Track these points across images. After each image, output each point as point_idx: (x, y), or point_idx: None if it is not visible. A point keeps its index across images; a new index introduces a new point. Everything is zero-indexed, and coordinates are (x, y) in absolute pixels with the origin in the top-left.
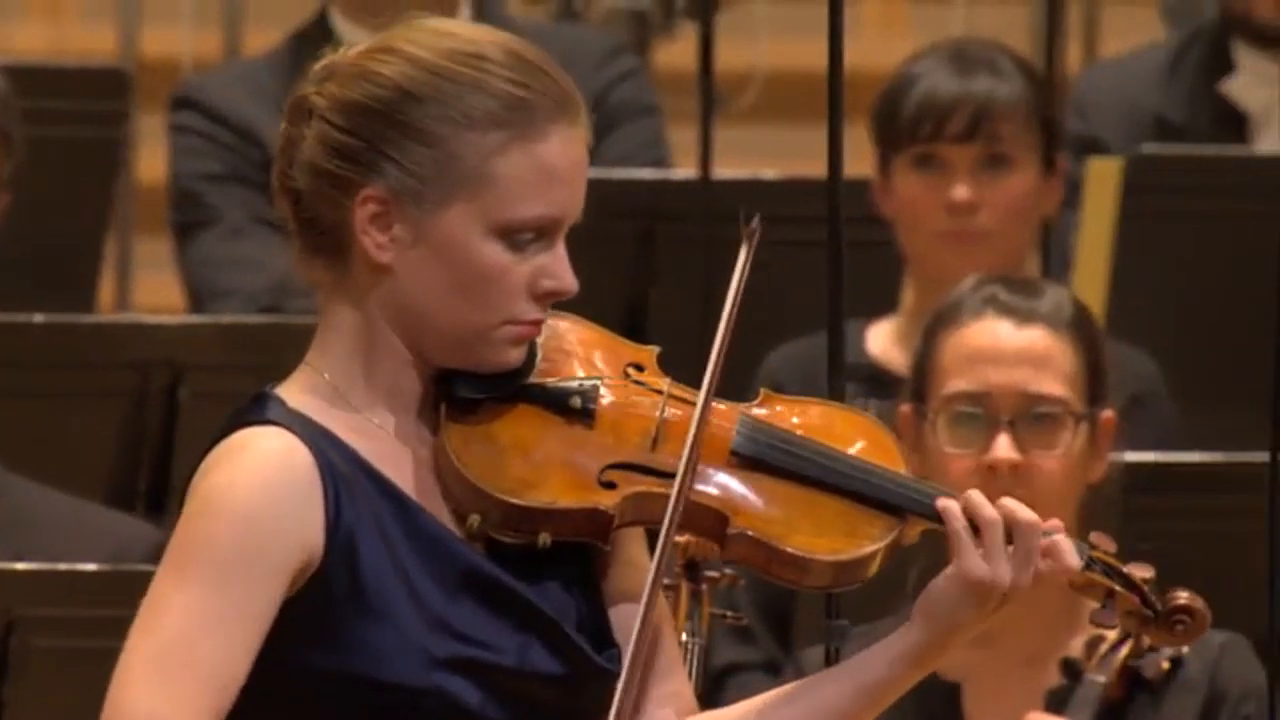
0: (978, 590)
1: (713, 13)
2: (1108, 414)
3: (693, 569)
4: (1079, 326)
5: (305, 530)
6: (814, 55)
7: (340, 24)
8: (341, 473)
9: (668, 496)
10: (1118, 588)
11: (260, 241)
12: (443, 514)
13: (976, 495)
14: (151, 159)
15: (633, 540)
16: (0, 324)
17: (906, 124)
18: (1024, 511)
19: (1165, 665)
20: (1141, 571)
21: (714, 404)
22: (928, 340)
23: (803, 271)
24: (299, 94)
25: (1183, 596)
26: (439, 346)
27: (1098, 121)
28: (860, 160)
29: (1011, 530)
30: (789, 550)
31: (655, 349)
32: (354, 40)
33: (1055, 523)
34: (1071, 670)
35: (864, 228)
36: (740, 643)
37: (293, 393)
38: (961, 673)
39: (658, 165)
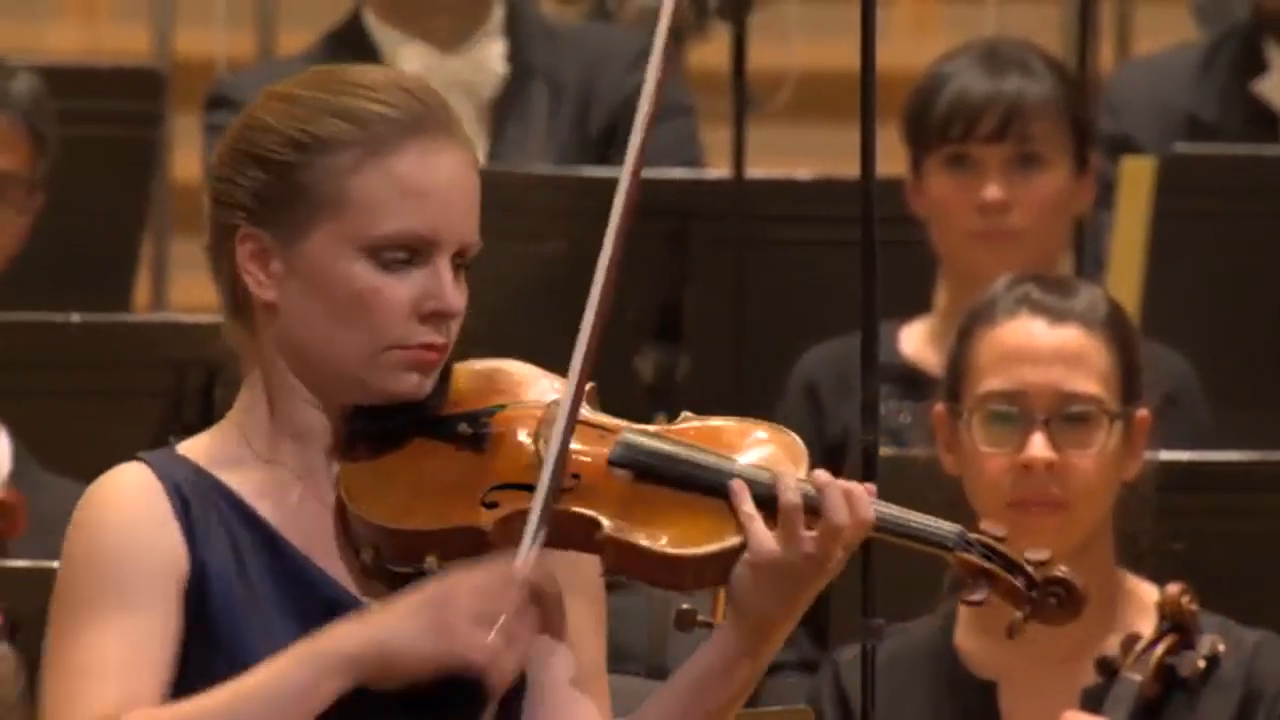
0: (771, 571)
1: (745, 13)
2: (1142, 413)
3: None
4: (1113, 325)
5: (171, 545)
6: (847, 55)
7: (374, 25)
8: (197, 510)
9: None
10: (995, 569)
11: None
12: (333, 555)
13: (785, 478)
14: (186, 159)
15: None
16: (36, 324)
17: (938, 124)
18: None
19: (1201, 664)
20: (1032, 554)
21: (610, 421)
22: (962, 339)
23: (836, 271)
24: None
25: (1061, 570)
26: (333, 380)
27: (1130, 121)
28: (893, 160)
29: (815, 509)
30: (655, 550)
31: (592, 384)
32: (386, 41)
33: (869, 486)
34: (1107, 668)
35: (897, 227)
36: None
37: (195, 441)
38: (997, 671)
39: (691, 165)
